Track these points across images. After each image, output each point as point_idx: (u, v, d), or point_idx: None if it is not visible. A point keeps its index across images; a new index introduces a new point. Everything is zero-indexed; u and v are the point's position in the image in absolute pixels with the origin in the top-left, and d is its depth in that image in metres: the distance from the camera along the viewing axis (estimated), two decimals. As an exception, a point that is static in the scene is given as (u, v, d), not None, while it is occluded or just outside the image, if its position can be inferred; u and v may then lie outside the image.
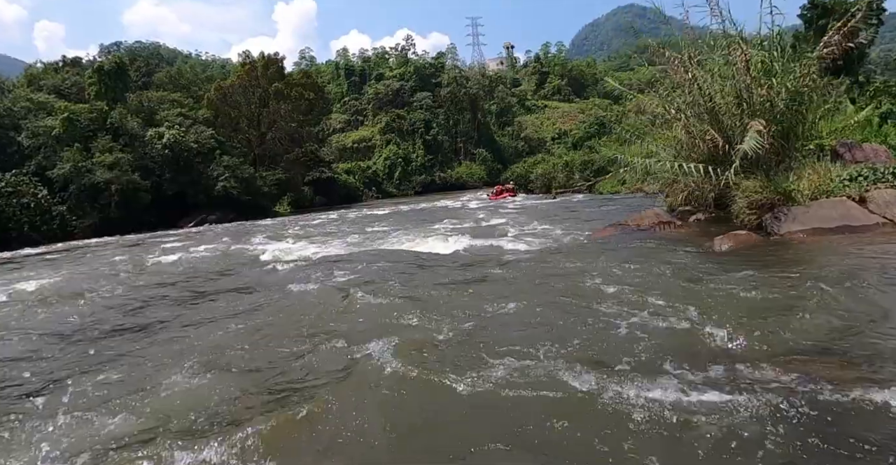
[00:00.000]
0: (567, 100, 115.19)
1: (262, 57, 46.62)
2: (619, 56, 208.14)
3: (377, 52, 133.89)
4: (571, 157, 31.40)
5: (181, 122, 41.48)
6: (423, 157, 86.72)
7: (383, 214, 25.25)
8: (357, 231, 16.71)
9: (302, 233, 18.02)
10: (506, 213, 19.75)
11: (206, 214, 41.12)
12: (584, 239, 10.63)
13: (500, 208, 22.06)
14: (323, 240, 14.81)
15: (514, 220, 15.80)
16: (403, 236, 14.05)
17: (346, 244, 13.49)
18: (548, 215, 17.02)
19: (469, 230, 13.81)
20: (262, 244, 14.68)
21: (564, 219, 15.49)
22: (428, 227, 15.77)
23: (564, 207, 20.10)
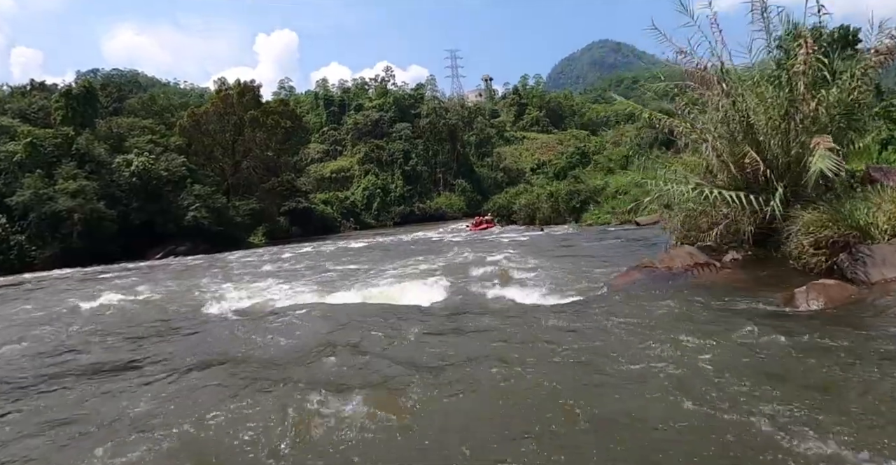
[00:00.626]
0: (545, 131, 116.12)
1: (237, 84, 45.55)
2: (595, 89, 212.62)
3: (357, 82, 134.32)
4: (555, 187, 30.55)
5: (151, 149, 40.00)
6: (402, 187, 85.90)
7: (359, 248, 23.64)
8: (326, 269, 14.52)
9: (267, 270, 16.18)
10: (493, 246, 18.08)
11: (176, 245, 39.33)
12: (602, 287, 8.27)
13: (483, 241, 20.53)
14: (286, 280, 12.45)
15: (507, 257, 13.68)
16: (378, 276, 11.82)
17: (310, 288, 10.95)
18: (543, 251, 15.27)
19: (454, 270, 11.86)
20: (220, 283, 13.02)
21: (564, 256, 13.70)
22: (406, 264, 14.02)
23: (558, 240, 18.34)
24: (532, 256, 13.44)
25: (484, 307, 7.73)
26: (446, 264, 13.07)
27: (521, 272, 10.61)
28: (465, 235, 28.48)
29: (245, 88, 45.23)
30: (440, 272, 11.41)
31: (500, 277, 10.40)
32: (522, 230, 24.77)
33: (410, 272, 11.62)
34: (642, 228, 18.38)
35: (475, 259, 13.45)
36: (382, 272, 12.32)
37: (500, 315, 7.03)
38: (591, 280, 9.05)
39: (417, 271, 11.88)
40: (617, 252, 12.60)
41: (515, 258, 13.11)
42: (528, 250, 15.72)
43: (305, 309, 7.62)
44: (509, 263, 12.51)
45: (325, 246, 27.96)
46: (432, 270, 12.04)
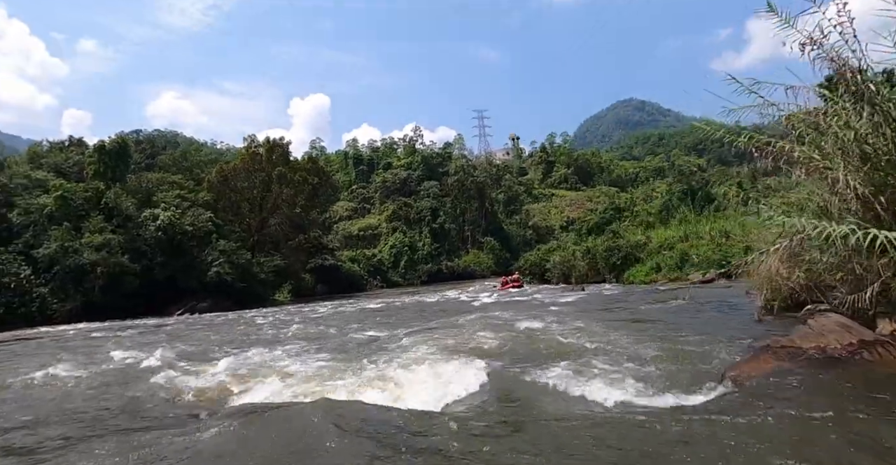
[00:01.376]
0: (574, 188, 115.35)
1: (266, 141, 45.90)
2: (621, 147, 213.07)
3: (386, 142, 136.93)
4: (592, 243, 28.81)
5: (179, 204, 39.83)
6: (430, 245, 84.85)
7: (381, 309, 21.88)
8: (339, 338, 11.90)
9: (274, 334, 14.00)
10: (533, 309, 14.90)
11: (197, 301, 38.31)
12: (720, 379, 5.17)
13: (518, 303, 18.49)
14: (287, 352, 9.83)
15: (555, 323, 10.31)
16: (396, 350, 8.81)
17: (309, 368, 7.86)
18: (598, 317, 11.69)
19: (490, 343, 8.68)
20: (211, 353, 10.91)
21: (629, 323, 10.13)
22: (432, 333, 10.60)
23: (608, 302, 15.64)
24: (586, 322, 10.33)
25: (540, 413, 4.79)
26: (479, 334, 9.89)
27: (583, 350, 7.49)
28: (495, 295, 26.73)
29: (274, 145, 45.48)
30: (472, 346, 8.64)
31: (555, 355, 7.34)
32: (559, 290, 22.81)
33: (435, 345, 8.73)
34: (703, 287, 16.46)
35: (515, 327, 10.39)
36: (401, 346, 9.36)
37: (569, 432, 4.14)
38: (693, 365, 6.13)
39: (444, 345, 8.93)
40: (695, 319, 9.97)
41: (567, 326, 9.86)
42: (578, 314, 12.68)
43: (282, 417, 4.77)
44: (560, 332, 9.27)
45: (347, 306, 26.34)
46: (462, 344, 8.93)
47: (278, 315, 23.44)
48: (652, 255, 23.59)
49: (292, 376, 7.31)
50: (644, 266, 23.10)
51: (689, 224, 26.73)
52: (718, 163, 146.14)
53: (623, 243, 25.53)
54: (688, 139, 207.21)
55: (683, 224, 27.60)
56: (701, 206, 38.86)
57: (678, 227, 27.29)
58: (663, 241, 24.43)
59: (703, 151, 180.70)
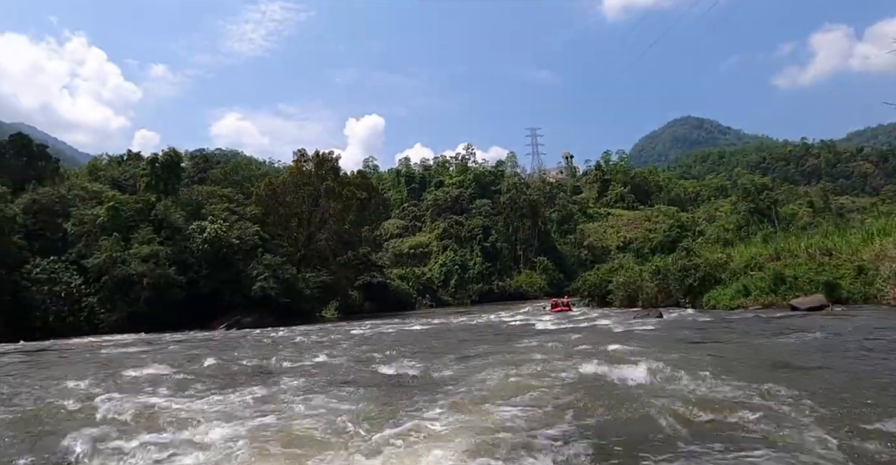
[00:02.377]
0: (631, 207, 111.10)
1: (316, 155, 45.17)
2: (680, 166, 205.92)
3: (438, 160, 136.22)
4: (663, 262, 25.81)
5: (227, 217, 39.30)
6: (481, 264, 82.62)
7: (425, 332, 19.83)
8: (365, 372, 9.36)
9: (290, 365, 11.53)
10: (617, 344, 10.15)
11: (241, 316, 37.44)
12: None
13: (583, 330, 15.35)
14: (295, 391, 7.51)
15: (664, 375, 6.56)
16: (429, 404, 6.07)
17: (307, 425, 5.38)
18: (713, 361, 7.82)
19: (566, 398, 5.81)
20: (194, 380, 9.14)
21: (768, 370, 6.98)
22: (481, 372, 8.15)
23: (704, 334, 12.38)
24: (698, 366, 6.98)
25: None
26: (547, 380, 6.94)
27: (732, 428, 4.43)
28: (548, 316, 24.25)
29: (323, 159, 44.66)
30: (543, 407, 5.49)
31: (689, 438, 4.25)
32: (628, 315, 19.94)
33: (485, 395, 6.30)
34: (808, 314, 13.79)
35: (601, 375, 6.96)
36: (442, 389, 6.93)
37: None
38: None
39: (499, 394, 6.35)
40: (876, 364, 6.94)
41: (674, 373, 6.49)
42: (675, 351, 9.07)
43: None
44: (670, 384, 6.18)
45: (389, 326, 24.25)
46: (527, 403, 5.73)
47: (315, 335, 21.72)
48: (735, 276, 20.61)
49: (291, 440, 4.98)
50: (728, 289, 20.11)
51: (777, 241, 23.44)
52: (784, 181, 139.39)
53: (701, 262, 22.51)
54: (751, 157, 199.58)
55: (771, 241, 24.29)
56: (772, 224, 35.44)
57: (762, 244, 24.07)
58: (748, 260, 21.37)
59: (768, 169, 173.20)
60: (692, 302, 22.31)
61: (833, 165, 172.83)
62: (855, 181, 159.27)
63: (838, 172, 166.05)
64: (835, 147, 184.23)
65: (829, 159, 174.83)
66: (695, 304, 22.03)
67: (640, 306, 23.65)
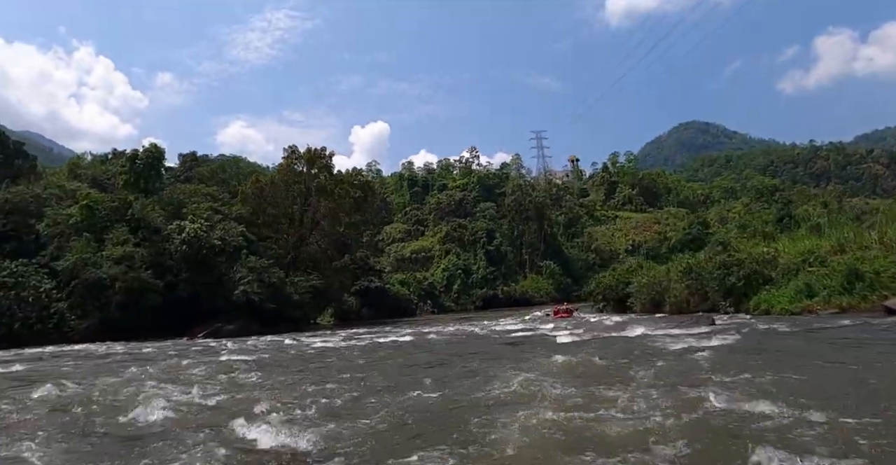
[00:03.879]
0: (639, 210, 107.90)
1: (308, 151, 42.13)
2: (687, 169, 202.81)
3: (441, 164, 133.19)
4: (695, 259, 22.39)
5: (209, 216, 36.34)
6: (485, 269, 79.58)
7: (416, 346, 16.66)
8: (323, 410, 6.88)
9: (252, 379, 8.81)
10: (682, 376, 7.54)
11: (223, 323, 34.44)
12: None
13: (622, 347, 11.62)
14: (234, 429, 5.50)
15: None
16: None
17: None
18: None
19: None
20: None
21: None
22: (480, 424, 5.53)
23: (802, 354, 9.23)
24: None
25: None
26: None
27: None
28: (562, 325, 21.09)
29: (315, 155, 41.58)
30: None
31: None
32: (656, 322, 16.38)
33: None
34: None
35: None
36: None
37: None
38: None
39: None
40: None
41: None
42: (802, 398, 5.77)
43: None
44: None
45: (386, 336, 21.05)
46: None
47: (292, 348, 18.70)
48: (788, 273, 17.36)
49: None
50: (783, 289, 16.76)
51: (839, 231, 19.80)
52: (793, 184, 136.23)
53: (744, 258, 19.25)
54: (759, 160, 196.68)
55: (834, 229, 20.63)
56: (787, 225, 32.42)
57: (812, 236, 20.62)
58: (802, 254, 18.16)
59: (776, 172, 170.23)
60: (735, 306, 18.89)
61: (843, 167, 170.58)
62: (865, 183, 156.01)
63: (848, 175, 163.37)
64: (844, 149, 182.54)
65: (839, 161, 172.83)
66: (738, 308, 18.62)
67: (666, 310, 20.47)
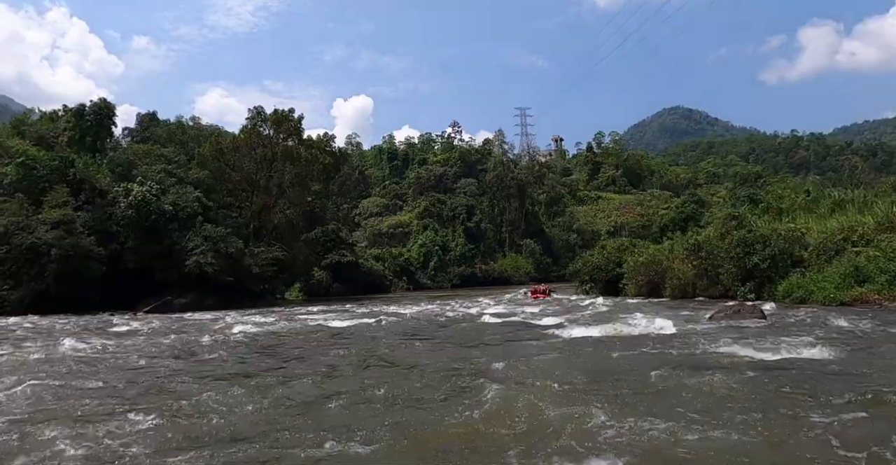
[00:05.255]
0: (623, 191, 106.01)
1: (274, 112, 38.55)
2: (669, 154, 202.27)
3: (423, 138, 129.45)
4: (705, 235, 19.52)
5: (162, 179, 32.97)
6: (464, 246, 77.05)
7: (385, 326, 14.16)
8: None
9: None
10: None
11: (175, 296, 31.53)
12: None
13: (650, 350, 8.62)
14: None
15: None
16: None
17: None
18: None
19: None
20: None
21: None
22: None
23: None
24: None
25: None
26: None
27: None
28: (540, 309, 18.49)
29: (282, 118, 38.09)
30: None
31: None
32: (662, 308, 13.77)
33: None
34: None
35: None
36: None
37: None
38: None
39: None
40: None
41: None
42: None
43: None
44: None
45: (347, 318, 17.80)
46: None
47: (238, 325, 15.90)
48: (824, 254, 14.79)
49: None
50: (820, 273, 14.25)
51: (886, 204, 16.87)
52: (774, 172, 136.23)
53: (772, 237, 16.19)
54: (741, 147, 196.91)
55: (880, 201, 17.81)
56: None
57: (836, 214, 17.99)
58: (842, 230, 15.60)
59: (758, 159, 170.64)
60: (756, 291, 16.08)
61: (822, 158, 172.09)
62: (843, 175, 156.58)
63: (827, 166, 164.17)
64: (824, 140, 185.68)
65: (819, 152, 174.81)
66: (760, 294, 15.79)
67: (667, 295, 17.95)
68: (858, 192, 19.86)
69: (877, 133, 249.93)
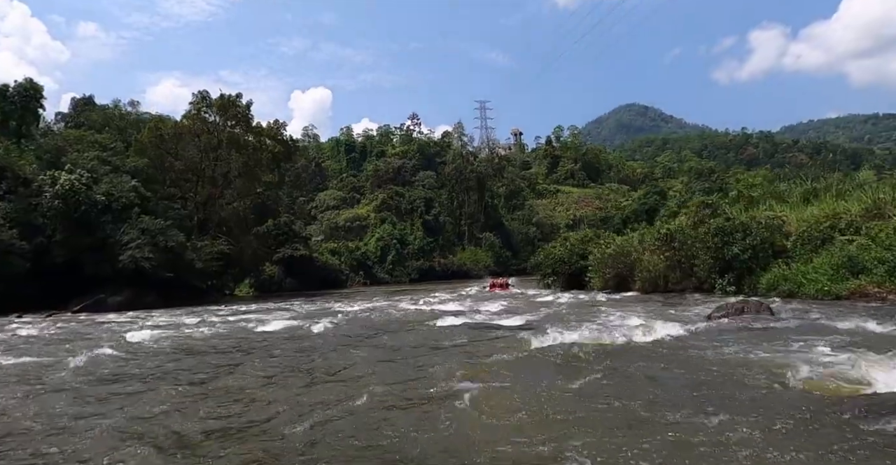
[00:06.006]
0: (581, 185, 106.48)
1: (220, 97, 36.07)
2: (625, 150, 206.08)
3: (381, 130, 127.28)
4: (677, 224, 17.98)
5: (94, 167, 30.43)
6: (422, 239, 75.72)
7: (326, 330, 12.56)
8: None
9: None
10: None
11: (109, 294, 29.17)
12: None
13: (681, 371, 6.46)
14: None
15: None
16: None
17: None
18: None
19: None
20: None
21: None
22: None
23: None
24: None
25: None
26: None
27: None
28: (504, 304, 17.34)
29: (228, 103, 35.63)
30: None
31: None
32: (639, 304, 12.50)
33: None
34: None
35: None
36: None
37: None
38: None
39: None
40: None
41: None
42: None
43: None
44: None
45: (277, 320, 15.56)
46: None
47: (152, 324, 14.15)
48: (808, 244, 13.86)
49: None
50: (808, 265, 13.36)
51: (876, 190, 16.12)
52: (725, 167, 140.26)
53: (751, 223, 15.31)
54: (694, 144, 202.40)
55: (863, 190, 17.11)
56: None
57: (824, 201, 16.94)
58: (827, 218, 14.69)
59: (710, 155, 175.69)
60: (736, 284, 15.06)
61: (771, 154, 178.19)
62: (790, 171, 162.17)
63: (775, 162, 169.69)
64: (773, 138, 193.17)
65: (767, 149, 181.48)
66: (741, 287, 14.85)
67: (636, 288, 16.96)
68: (832, 179, 19.37)
69: (820, 132, 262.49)
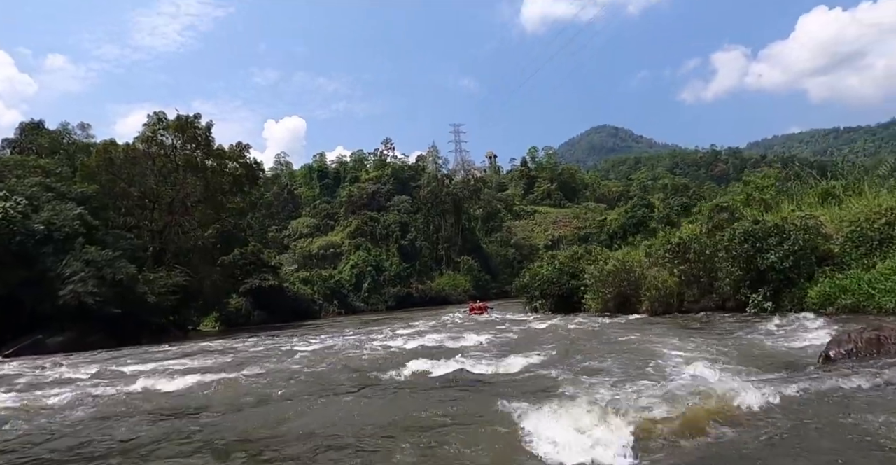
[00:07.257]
0: (558, 205, 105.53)
1: (177, 118, 33.50)
2: (599, 170, 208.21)
3: (354, 155, 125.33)
4: (689, 232, 15.37)
5: (34, 194, 27.73)
6: (399, 265, 73.51)
7: (260, 384, 8.94)
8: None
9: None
10: None
11: (49, 335, 26.19)
12: None
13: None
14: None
15: None
16: None
17: None
18: None
19: None
20: None
21: None
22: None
23: None
24: None
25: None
26: None
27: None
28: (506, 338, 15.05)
29: (185, 124, 33.04)
30: None
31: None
32: (680, 336, 9.63)
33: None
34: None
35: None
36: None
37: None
38: None
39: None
40: None
41: None
42: None
43: None
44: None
45: (184, 375, 11.43)
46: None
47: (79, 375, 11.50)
48: (862, 247, 11.62)
49: None
50: (873, 272, 11.06)
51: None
52: (698, 184, 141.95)
53: (785, 226, 12.82)
54: (665, 162, 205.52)
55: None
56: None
57: (855, 199, 14.59)
58: (880, 214, 12.29)
59: (682, 173, 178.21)
60: (774, 299, 12.75)
61: (740, 170, 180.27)
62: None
63: (745, 177, 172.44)
64: (741, 154, 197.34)
65: (737, 165, 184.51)
66: (779, 302, 12.61)
67: (643, 310, 14.71)
68: (852, 177, 17.75)
69: (786, 147, 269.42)
